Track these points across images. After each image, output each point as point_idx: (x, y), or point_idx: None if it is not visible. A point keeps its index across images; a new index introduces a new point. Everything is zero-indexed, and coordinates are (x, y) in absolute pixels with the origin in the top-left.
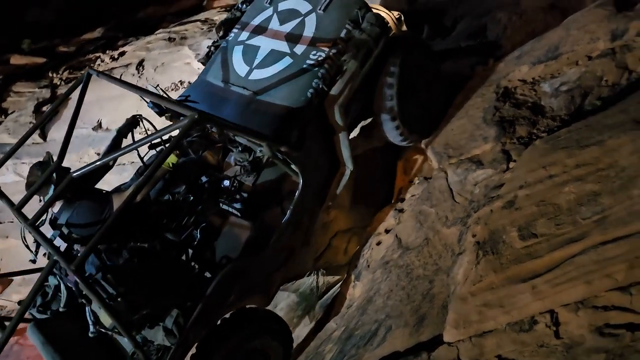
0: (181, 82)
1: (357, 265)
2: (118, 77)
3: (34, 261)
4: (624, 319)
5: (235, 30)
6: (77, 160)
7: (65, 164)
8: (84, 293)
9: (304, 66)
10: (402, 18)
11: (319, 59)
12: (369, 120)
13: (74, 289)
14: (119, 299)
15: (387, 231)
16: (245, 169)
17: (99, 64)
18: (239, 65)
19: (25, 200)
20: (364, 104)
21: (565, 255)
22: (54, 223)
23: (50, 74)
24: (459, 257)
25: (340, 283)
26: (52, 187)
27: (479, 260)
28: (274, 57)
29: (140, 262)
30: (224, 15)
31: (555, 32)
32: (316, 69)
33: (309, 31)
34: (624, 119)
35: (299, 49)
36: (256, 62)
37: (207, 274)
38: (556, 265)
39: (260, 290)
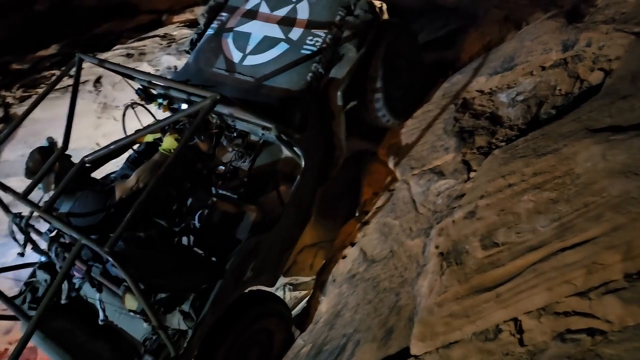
0: (122, 116)
1: (323, 280)
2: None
3: (22, 254)
4: (584, 324)
5: (221, 17)
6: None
7: (18, 187)
8: (96, 281)
9: (302, 51)
10: (384, 7)
11: (316, 44)
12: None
13: (81, 278)
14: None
15: (352, 244)
16: (241, 154)
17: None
18: (232, 52)
19: (31, 188)
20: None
21: (527, 263)
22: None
23: (2, 92)
24: (423, 268)
25: (307, 299)
26: (53, 174)
27: (443, 271)
28: (268, 43)
29: (151, 248)
30: (184, 31)
31: (510, 44)
32: (314, 53)
33: (302, 17)
34: (577, 128)
35: (294, 34)
36: (249, 48)
37: (213, 259)
38: (518, 273)
39: (268, 271)
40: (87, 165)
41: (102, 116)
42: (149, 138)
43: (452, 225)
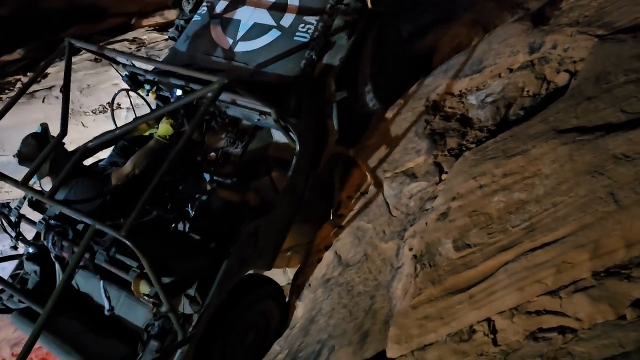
0: (109, 104)
1: (299, 285)
2: (41, 100)
3: (15, 247)
4: (555, 322)
5: (207, 3)
6: None
7: None
8: (100, 267)
9: (294, 38)
10: None
11: (309, 31)
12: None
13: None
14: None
15: (326, 248)
16: (232, 140)
17: (19, 87)
18: (222, 38)
19: (30, 174)
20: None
21: (498, 263)
22: (36, 204)
23: None
24: (397, 271)
25: None
26: (48, 161)
27: (417, 273)
28: (258, 30)
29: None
30: (154, 35)
31: (479, 46)
32: (307, 40)
33: (293, 4)
34: (545, 129)
35: (286, 21)
36: (240, 34)
37: (212, 245)
38: (490, 274)
39: (266, 255)
40: (89, 149)
41: (69, 122)
42: (145, 132)
43: (425, 227)
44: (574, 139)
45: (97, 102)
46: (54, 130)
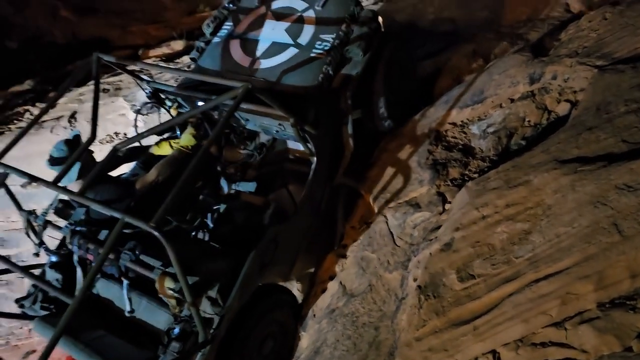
0: (116, 134)
1: (303, 315)
2: (49, 130)
3: (37, 254)
4: (561, 354)
5: (226, 26)
6: (3, 220)
7: None
8: (124, 269)
9: (312, 55)
10: (381, 20)
11: (325, 48)
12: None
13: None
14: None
15: (331, 278)
16: (251, 154)
17: (28, 117)
18: (241, 57)
19: (61, 176)
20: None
21: (503, 294)
22: (61, 211)
23: None
24: (402, 302)
25: None
26: (78, 164)
27: (421, 305)
28: (277, 48)
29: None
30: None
31: (480, 77)
32: (323, 56)
33: (309, 24)
34: (546, 159)
35: (303, 39)
36: (259, 53)
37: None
38: (495, 306)
39: (284, 263)
40: (119, 153)
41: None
42: (161, 151)
43: (429, 257)
44: (575, 169)
45: (104, 132)
46: None
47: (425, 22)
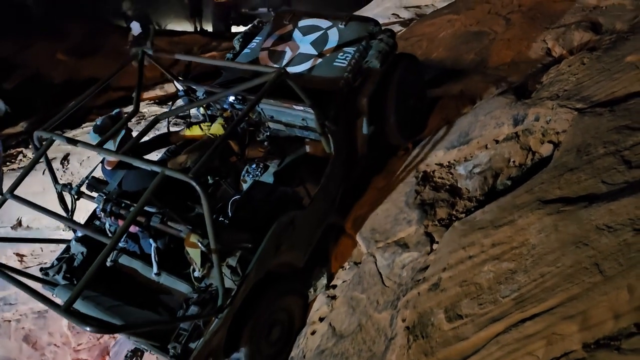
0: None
1: (292, 357)
2: (41, 172)
3: (69, 218)
4: None
5: (256, 41)
6: None
7: None
8: (153, 228)
9: (334, 63)
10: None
11: (347, 58)
12: None
13: (139, 231)
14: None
15: (321, 319)
16: (272, 152)
17: (20, 159)
18: (268, 64)
19: (105, 140)
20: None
21: (490, 334)
22: (94, 185)
23: None
24: (391, 342)
25: None
26: (122, 133)
27: (410, 345)
28: (302, 58)
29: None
30: (154, 108)
31: (466, 118)
32: (345, 65)
33: (333, 39)
34: (530, 199)
35: (327, 51)
36: (284, 62)
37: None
38: (482, 346)
39: (298, 248)
40: (159, 121)
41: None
42: (193, 132)
43: (418, 297)
44: (558, 210)
45: (98, 173)
46: (46, 201)
47: None
